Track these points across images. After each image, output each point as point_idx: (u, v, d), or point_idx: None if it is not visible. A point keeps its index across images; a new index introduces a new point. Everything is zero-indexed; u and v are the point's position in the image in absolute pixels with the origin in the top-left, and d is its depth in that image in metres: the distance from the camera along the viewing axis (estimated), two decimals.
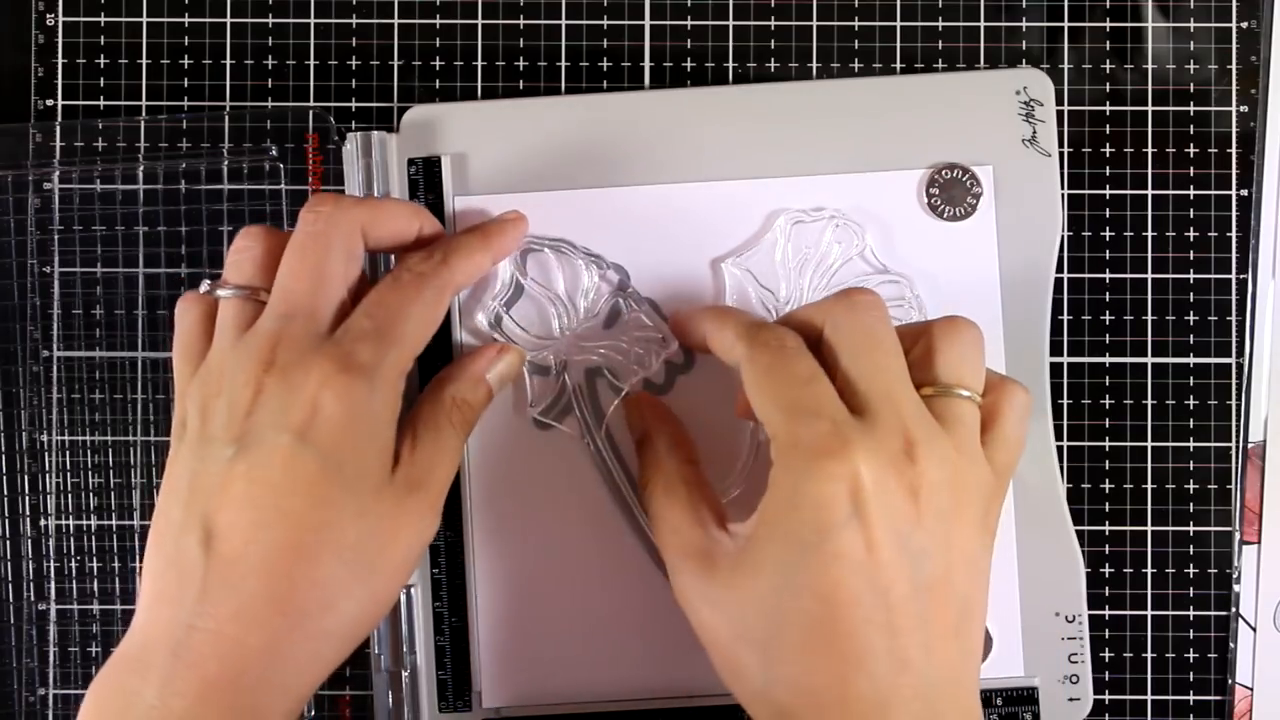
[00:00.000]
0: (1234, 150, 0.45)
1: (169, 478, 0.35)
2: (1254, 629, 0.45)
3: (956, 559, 0.32)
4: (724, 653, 0.34)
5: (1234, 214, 0.45)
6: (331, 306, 0.36)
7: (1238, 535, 0.45)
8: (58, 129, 0.45)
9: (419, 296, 0.36)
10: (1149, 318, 0.45)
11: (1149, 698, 0.45)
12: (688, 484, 0.37)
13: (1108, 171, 0.45)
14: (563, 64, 0.45)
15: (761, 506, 0.33)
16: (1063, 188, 0.44)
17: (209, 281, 0.38)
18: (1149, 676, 0.45)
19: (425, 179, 0.43)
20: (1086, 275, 0.45)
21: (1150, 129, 0.45)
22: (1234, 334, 0.45)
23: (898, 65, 0.45)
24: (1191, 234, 0.45)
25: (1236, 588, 0.45)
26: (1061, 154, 0.44)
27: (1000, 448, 0.35)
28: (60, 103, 0.45)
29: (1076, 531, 0.43)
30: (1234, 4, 0.45)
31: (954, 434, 0.33)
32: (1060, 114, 0.44)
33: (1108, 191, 0.45)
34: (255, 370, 0.34)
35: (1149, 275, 0.45)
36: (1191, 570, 0.45)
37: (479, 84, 0.45)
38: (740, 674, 0.34)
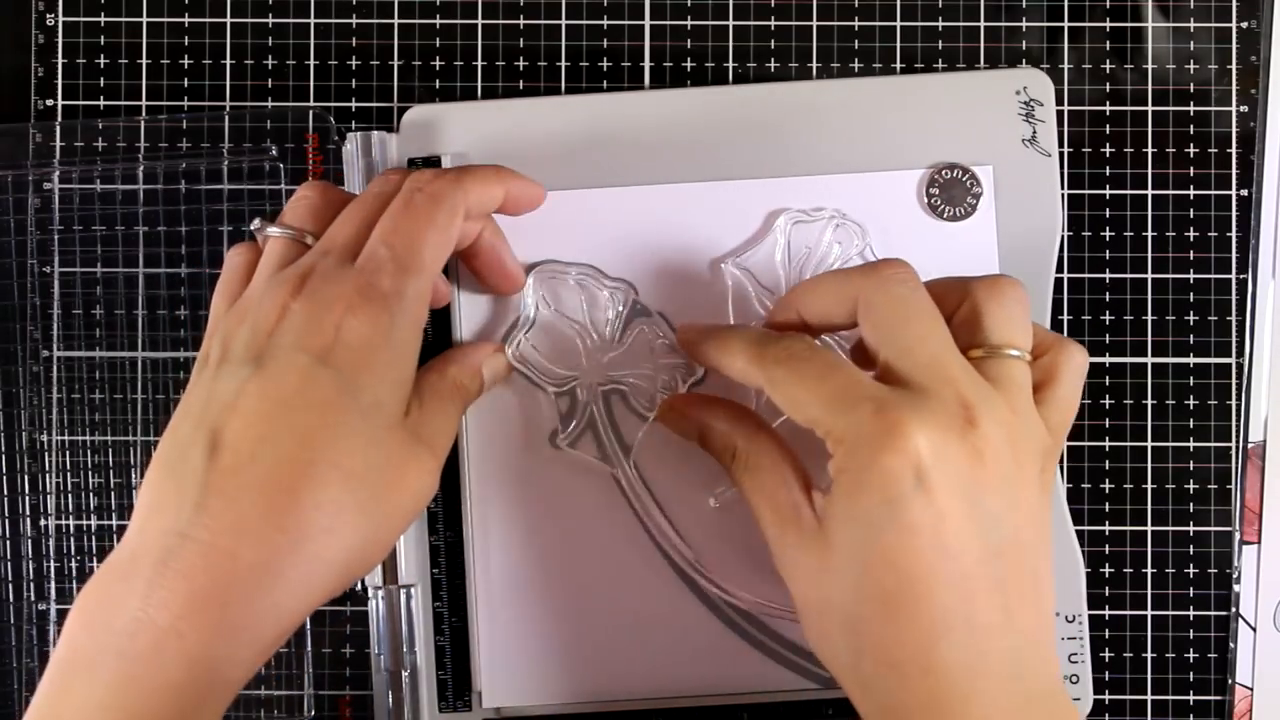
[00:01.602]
0: (1234, 150, 0.45)
1: (182, 404, 0.34)
2: (1254, 629, 0.45)
3: (1024, 520, 0.32)
4: (813, 623, 0.34)
5: (1234, 214, 0.45)
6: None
7: (1238, 535, 0.45)
8: (58, 129, 0.45)
9: (432, 220, 0.35)
10: (1149, 318, 0.45)
11: (1149, 698, 0.45)
12: (770, 452, 0.36)
13: (1108, 171, 0.45)
14: (563, 64, 0.45)
15: (831, 491, 0.33)
16: (1063, 188, 0.44)
17: (261, 219, 0.38)
18: (1149, 676, 0.45)
19: None
20: (1086, 275, 0.45)
21: (1150, 129, 0.45)
22: (1234, 334, 0.45)
23: (898, 65, 0.45)
24: (1191, 234, 0.45)
25: (1236, 588, 0.45)
26: (1061, 154, 0.44)
27: (1055, 408, 0.34)
28: (60, 103, 0.45)
29: (1076, 531, 0.43)
30: (1234, 4, 0.45)
31: (1007, 394, 0.33)
32: (1060, 114, 0.44)
33: (1108, 191, 0.45)
34: (283, 297, 0.34)
35: (1149, 275, 0.45)
36: (1191, 570, 0.45)
37: (479, 84, 0.45)
38: (829, 645, 0.33)
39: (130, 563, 0.32)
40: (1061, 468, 0.43)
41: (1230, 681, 0.45)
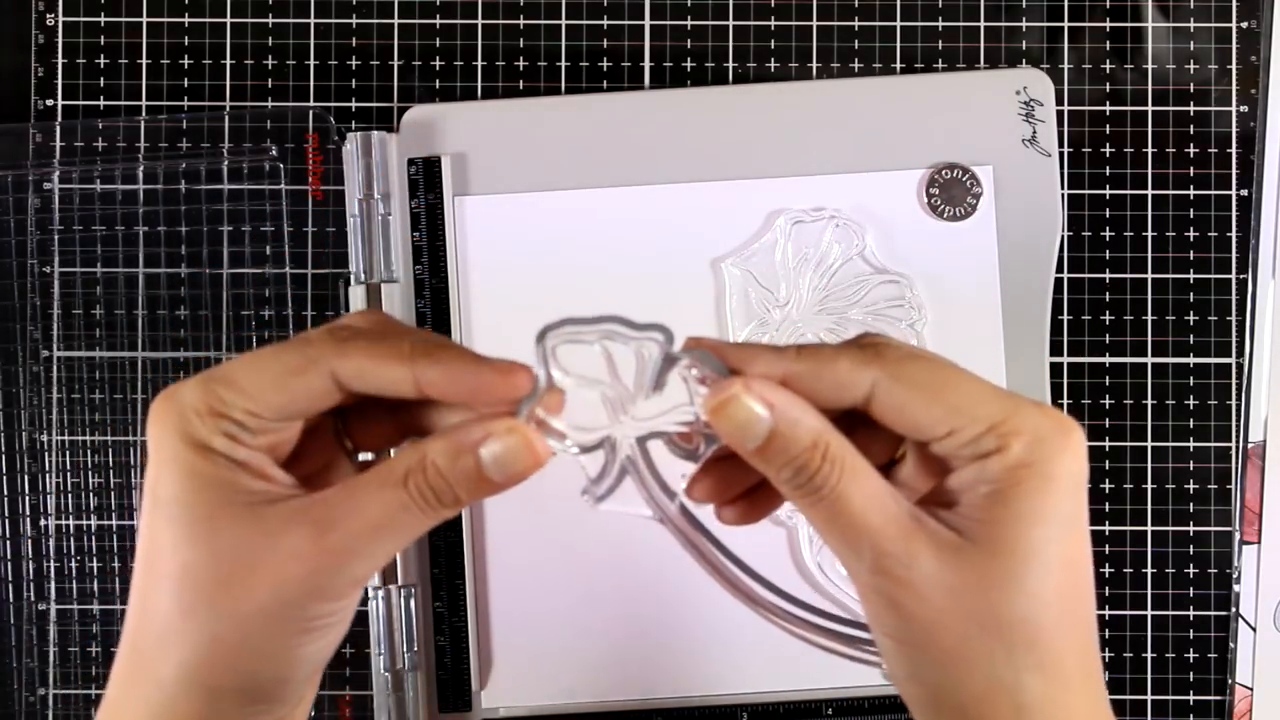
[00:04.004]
0: (1234, 150, 0.45)
1: None
2: (1254, 629, 0.45)
3: None
4: (951, 643, 0.30)
5: (1234, 214, 0.45)
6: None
7: (1238, 535, 0.45)
8: (58, 129, 0.45)
9: (276, 355, 0.30)
10: (1149, 318, 0.45)
11: (1149, 698, 0.45)
12: (862, 457, 0.30)
13: (1108, 171, 0.45)
14: (563, 64, 0.45)
15: (1002, 490, 0.30)
16: (1063, 188, 0.44)
17: None
18: (1149, 676, 0.45)
19: (425, 179, 0.43)
20: (1086, 275, 0.45)
21: (1150, 129, 0.45)
22: (1234, 334, 0.45)
23: (898, 65, 0.45)
24: (1191, 234, 0.45)
25: (1236, 588, 0.45)
26: (1061, 154, 0.44)
27: None
28: (60, 103, 0.45)
29: None
30: (1234, 4, 0.45)
31: None
32: (1060, 114, 0.44)
33: (1108, 191, 0.45)
34: None
35: (1149, 275, 0.45)
36: (1191, 570, 0.45)
37: (479, 84, 0.45)
38: (972, 666, 0.30)
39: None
40: None
41: (1230, 681, 0.45)
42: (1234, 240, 0.45)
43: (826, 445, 0.29)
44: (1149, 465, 0.45)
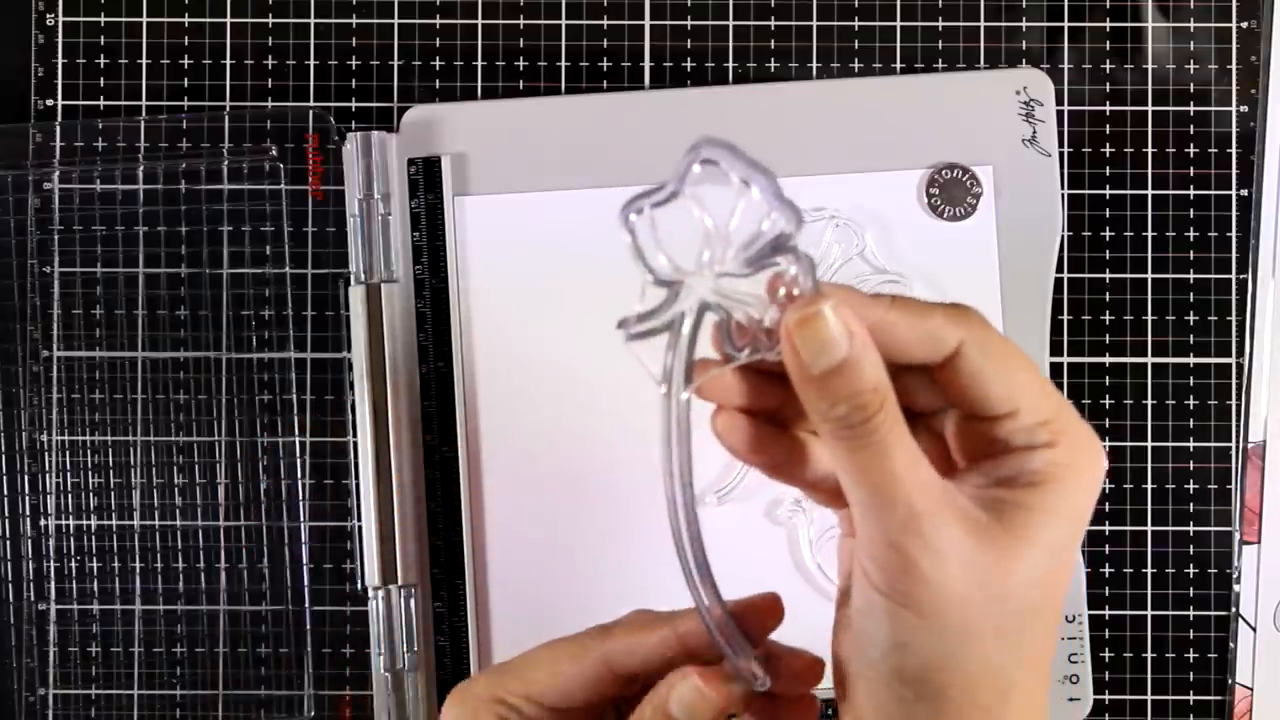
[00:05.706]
0: (1234, 150, 0.45)
1: None
2: (1254, 629, 0.45)
3: None
4: (958, 614, 0.30)
5: (1234, 214, 0.45)
6: None
7: (1238, 535, 0.45)
8: (58, 129, 0.45)
9: (554, 646, 0.34)
10: (1149, 318, 0.45)
11: (1149, 698, 0.45)
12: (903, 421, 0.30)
13: (1108, 171, 0.45)
14: (563, 64, 0.45)
15: (1043, 482, 0.30)
16: (1063, 188, 0.44)
17: None
18: (1149, 676, 0.45)
19: (425, 179, 0.43)
20: (1086, 275, 0.45)
21: (1150, 129, 0.45)
22: (1234, 334, 0.45)
23: (898, 65, 0.45)
24: (1191, 234, 0.45)
25: (1236, 588, 0.45)
26: (1061, 154, 0.44)
27: None
28: (60, 103, 0.45)
29: None
30: (1234, 4, 0.45)
31: None
32: (1060, 114, 0.44)
33: (1108, 191, 0.45)
34: None
35: (1149, 275, 0.45)
36: (1191, 570, 0.45)
37: (479, 84, 0.45)
38: (971, 643, 0.30)
39: None
40: None
41: (1230, 681, 0.45)
42: (1234, 240, 0.45)
43: (886, 393, 0.29)
44: (1149, 465, 0.45)
